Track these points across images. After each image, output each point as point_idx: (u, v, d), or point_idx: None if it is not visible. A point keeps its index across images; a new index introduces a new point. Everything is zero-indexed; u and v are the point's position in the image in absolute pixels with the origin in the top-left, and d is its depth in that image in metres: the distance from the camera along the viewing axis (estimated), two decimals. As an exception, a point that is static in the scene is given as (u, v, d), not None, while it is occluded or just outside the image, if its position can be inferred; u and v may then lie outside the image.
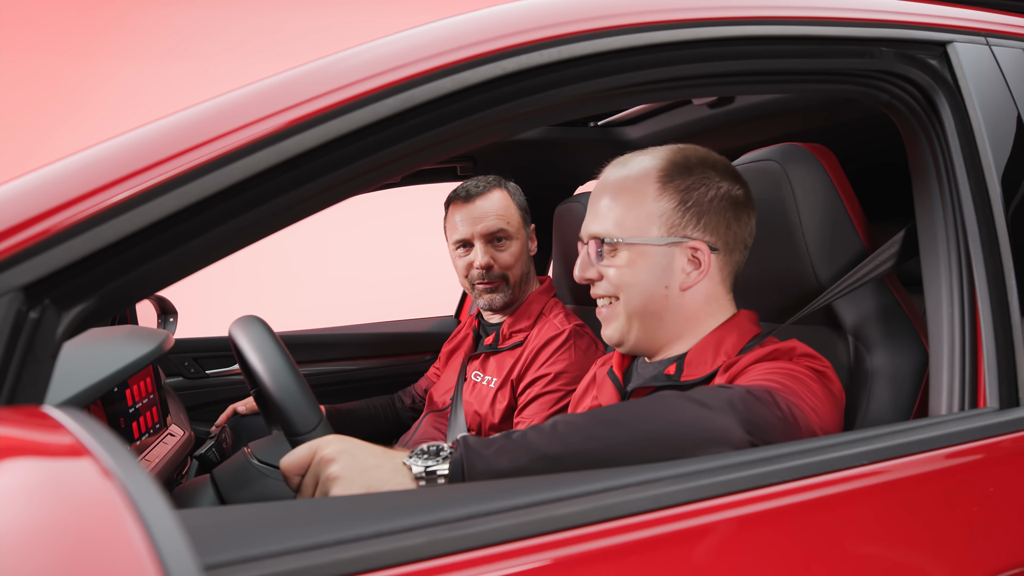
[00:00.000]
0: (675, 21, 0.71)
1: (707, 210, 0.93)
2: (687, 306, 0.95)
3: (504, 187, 1.62)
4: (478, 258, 1.57)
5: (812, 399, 0.80)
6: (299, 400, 1.01)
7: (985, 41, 0.90)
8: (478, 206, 1.58)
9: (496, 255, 1.58)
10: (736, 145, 1.45)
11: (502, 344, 1.60)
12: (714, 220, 0.94)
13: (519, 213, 1.62)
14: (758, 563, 0.59)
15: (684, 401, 0.73)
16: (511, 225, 1.58)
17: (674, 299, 0.94)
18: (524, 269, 1.62)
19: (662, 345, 0.98)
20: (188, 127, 0.57)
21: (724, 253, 0.95)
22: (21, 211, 0.51)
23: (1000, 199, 0.83)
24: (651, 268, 0.94)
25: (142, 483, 0.36)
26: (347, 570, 0.46)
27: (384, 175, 0.64)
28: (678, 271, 0.94)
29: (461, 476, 0.67)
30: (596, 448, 0.68)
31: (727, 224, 0.94)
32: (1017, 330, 0.81)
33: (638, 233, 0.94)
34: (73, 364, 0.64)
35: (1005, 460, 0.76)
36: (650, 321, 0.96)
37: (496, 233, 1.57)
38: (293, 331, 2.23)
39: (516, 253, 1.59)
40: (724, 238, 0.95)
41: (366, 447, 0.70)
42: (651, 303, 0.95)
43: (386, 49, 0.64)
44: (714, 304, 0.96)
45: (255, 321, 1.13)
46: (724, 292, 0.97)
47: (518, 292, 1.62)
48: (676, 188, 0.94)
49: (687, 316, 0.96)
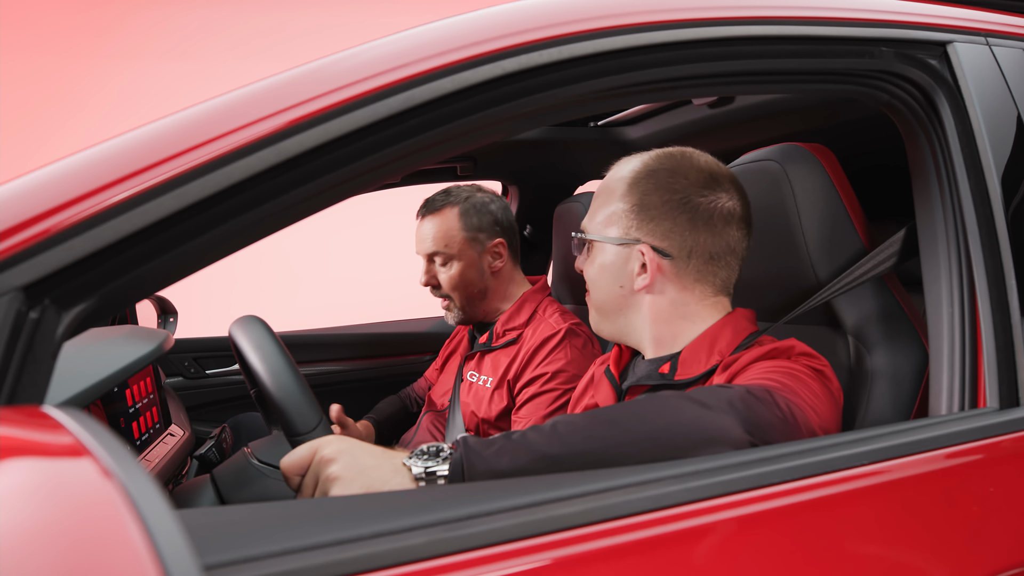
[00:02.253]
0: (675, 21, 0.71)
1: (658, 215, 0.93)
2: (651, 308, 0.96)
3: (457, 205, 1.58)
4: (421, 275, 1.62)
5: (811, 398, 0.80)
6: (299, 400, 1.01)
7: (985, 41, 0.90)
8: (423, 226, 1.61)
9: (438, 275, 1.60)
10: (736, 145, 1.45)
11: (496, 342, 1.61)
12: (665, 225, 0.93)
13: (464, 234, 1.57)
14: (758, 563, 0.59)
15: (684, 401, 0.73)
16: (449, 248, 1.57)
17: (633, 299, 0.97)
18: (477, 288, 1.60)
19: (639, 340, 0.99)
20: (188, 127, 0.57)
21: (680, 260, 0.94)
22: (21, 211, 0.51)
23: (1000, 199, 0.83)
24: (607, 267, 0.98)
25: (142, 483, 0.36)
26: (347, 570, 0.46)
27: (384, 175, 0.64)
28: (630, 272, 0.96)
29: (461, 476, 0.67)
30: (596, 448, 0.68)
31: (683, 231, 0.93)
32: (1017, 330, 0.81)
33: (600, 231, 0.99)
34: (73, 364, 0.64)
35: (1005, 460, 0.76)
36: (614, 317, 1.00)
37: (432, 256, 1.59)
38: (293, 331, 2.23)
39: (456, 276, 1.57)
40: (679, 244, 0.93)
41: (366, 447, 0.70)
42: (609, 300, 0.99)
43: (386, 49, 0.64)
44: (689, 308, 0.95)
45: (255, 321, 1.13)
46: (699, 297, 0.95)
47: (474, 310, 1.62)
48: (637, 190, 0.95)
49: (655, 317, 0.96)
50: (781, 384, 0.79)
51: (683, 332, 0.96)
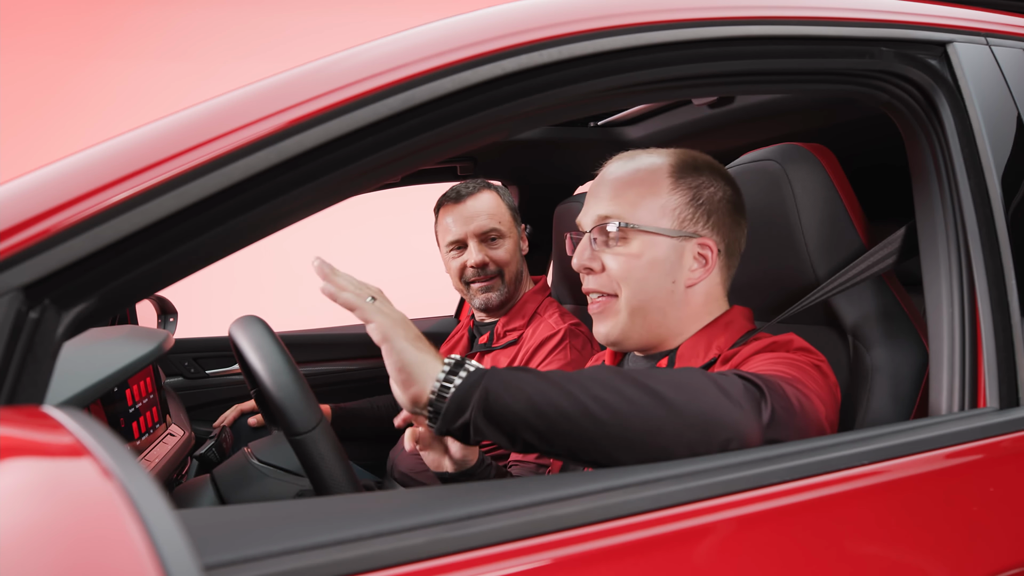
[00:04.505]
0: (675, 21, 0.71)
1: (715, 210, 0.94)
2: (688, 303, 0.95)
3: (493, 188, 1.64)
4: (472, 256, 1.58)
5: (817, 388, 0.80)
6: (299, 400, 1.01)
7: (985, 41, 0.90)
8: (469, 206, 1.59)
9: (490, 253, 1.59)
10: (736, 145, 1.45)
11: (496, 343, 1.61)
12: (720, 220, 0.95)
13: (510, 212, 1.64)
14: (758, 563, 0.59)
15: (708, 382, 0.72)
16: (503, 224, 1.60)
17: (678, 295, 0.93)
18: (518, 267, 1.64)
19: (658, 343, 0.97)
20: (188, 127, 0.57)
21: (726, 254, 0.96)
22: (21, 211, 0.51)
23: (1000, 199, 0.83)
24: (661, 261, 0.92)
25: (142, 483, 0.36)
26: (347, 570, 0.46)
27: (384, 175, 0.64)
28: (685, 267, 0.93)
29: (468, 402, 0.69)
30: (643, 427, 0.67)
31: (730, 226, 0.96)
32: (1017, 330, 0.81)
33: (651, 223, 0.92)
34: (73, 364, 0.65)
35: (1005, 460, 0.76)
36: (652, 317, 0.93)
37: (489, 233, 1.59)
38: (293, 331, 2.22)
39: (510, 250, 1.61)
40: (727, 239, 0.96)
41: (415, 332, 0.75)
42: (656, 298, 0.92)
43: (386, 49, 0.64)
44: (712, 303, 0.96)
45: (255, 321, 1.13)
46: (722, 293, 0.98)
47: (513, 290, 1.62)
48: (688, 185, 0.94)
49: (688, 313, 0.95)
50: (788, 374, 0.79)
51: (691, 327, 0.96)
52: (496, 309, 1.63)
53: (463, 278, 1.62)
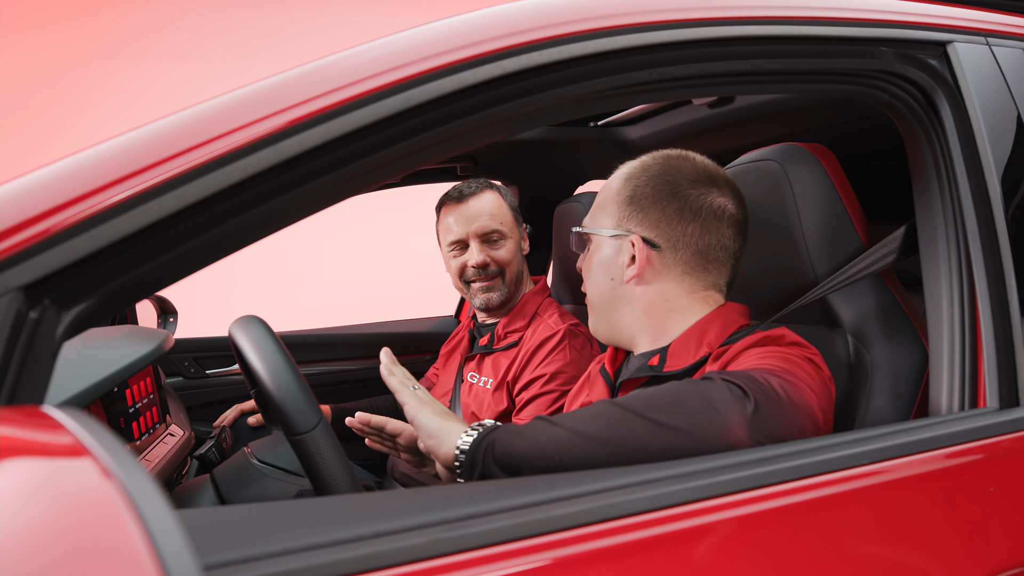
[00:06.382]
0: (675, 21, 0.71)
1: (648, 205, 0.95)
2: (640, 300, 0.96)
3: (495, 188, 1.64)
4: (473, 257, 1.57)
5: (809, 379, 0.80)
6: (299, 400, 1.01)
7: (985, 41, 0.90)
8: (471, 206, 1.59)
9: (492, 253, 1.59)
10: (736, 145, 1.45)
11: (497, 344, 1.60)
12: (654, 215, 0.94)
13: (511, 213, 1.64)
14: (758, 563, 0.59)
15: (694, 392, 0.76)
16: (505, 224, 1.60)
17: (623, 291, 0.97)
18: (519, 267, 1.64)
19: (630, 336, 0.99)
20: (188, 127, 0.57)
21: (668, 250, 0.94)
22: (21, 211, 0.51)
23: (1000, 199, 0.84)
24: (601, 260, 0.99)
25: (142, 483, 0.36)
26: (347, 570, 0.46)
27: (384, 175, 0.64)
28: (620, 264, 0.97)
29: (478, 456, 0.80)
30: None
31: (671, 221, 0.94)
32: (1017, 330, 0.81)
33: (595, 225, 1.00)
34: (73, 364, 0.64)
35: (1005, 460, 0.76)
36: (606, 312, 1.00)
37: (491, 233, 1.58)
38: (293, 331, 2.23)
39: (512, 250, 1.61)
40: (668, 234, 0.94)
41: (442, 409, 0.90)
42: (603, 295, 0.99)
43: (386, 49, 0.64)
44: (679, 300, 0.95)
45: (255, 321, 1.13)
46: (688, 290, 0.96)
47: (514, 290, 1.62)
48: (631, 184, 0.98)
49: (644, 310, 0.96)
50: (778, 367, 0.79)
51: (673, 325, 0.96)
52: (497, 309, 1.63)
53: (464, 278, 1.61)
